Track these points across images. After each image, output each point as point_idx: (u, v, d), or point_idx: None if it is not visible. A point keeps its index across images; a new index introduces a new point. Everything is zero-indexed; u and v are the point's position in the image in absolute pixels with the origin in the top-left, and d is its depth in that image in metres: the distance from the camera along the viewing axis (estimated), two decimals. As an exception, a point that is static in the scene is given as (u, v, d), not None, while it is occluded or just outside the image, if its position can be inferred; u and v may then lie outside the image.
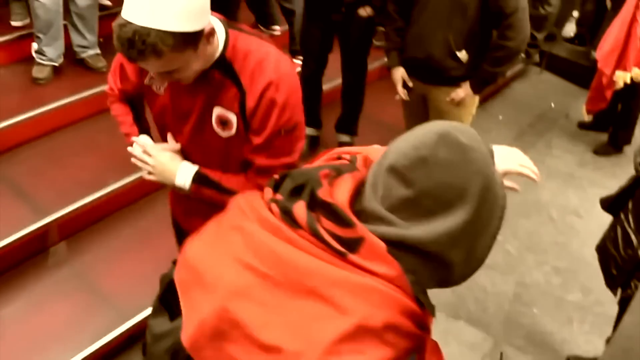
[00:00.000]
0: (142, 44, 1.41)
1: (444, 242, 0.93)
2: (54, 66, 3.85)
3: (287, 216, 0.97)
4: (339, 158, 1.20)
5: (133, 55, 1.45)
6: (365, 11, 3.46)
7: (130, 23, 1.41)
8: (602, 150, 4.88)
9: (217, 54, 1.62)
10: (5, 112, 3.50)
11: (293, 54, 4.42)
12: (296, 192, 1.02)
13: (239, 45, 1.64)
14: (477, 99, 3.26)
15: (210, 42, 1.56)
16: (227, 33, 1.64)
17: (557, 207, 4.18)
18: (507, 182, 1.49)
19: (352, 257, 0.92)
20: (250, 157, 1.72)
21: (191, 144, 1.80)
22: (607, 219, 2.70)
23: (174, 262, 1.12)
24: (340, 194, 0.98)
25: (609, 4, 5.13)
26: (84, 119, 3.74)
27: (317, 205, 0.97)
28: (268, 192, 1.06)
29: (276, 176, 1.11)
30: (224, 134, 1.71)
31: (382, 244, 0.92)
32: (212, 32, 1.56)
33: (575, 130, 5.16)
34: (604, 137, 4.95)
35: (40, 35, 3.72)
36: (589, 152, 4.90)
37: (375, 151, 1.26)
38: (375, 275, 0.91)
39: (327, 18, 3.52)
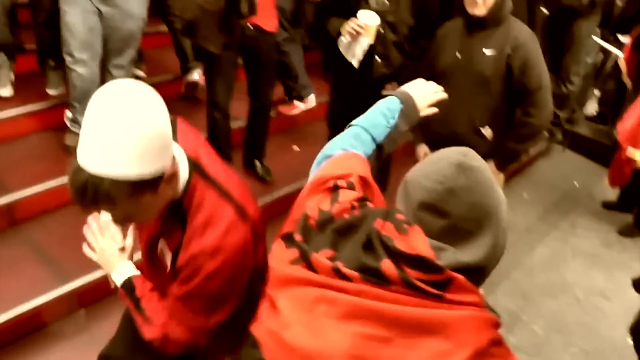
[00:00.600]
0: (94, 192, 1.29)
1: (488, 255, 1.10)
2: (86, 135, 3.93)
3: (372, 275, 1.06)
4: (336, 186, 1.30)
5: (86, 204, 1.32)
6: (392, 87, 3.53)
7: (83, 170, 1.29)
8: (628, 232, 4.82)
9: (178, 195, 1.50)
10: (35, 178, 3.57)
11: (298, 99, 4.49)
12: (367, 248, 1.09)
13: (196, 196, 1.50)
14: (502, 178, 3.27)
15: (171, 184, 1.44)
16: (190, 174, 1.51)
17: (583, 288, 4.11)
18: (427, 111, 1.74)
19: (447, 296, 1.04)
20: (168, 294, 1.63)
21: (146, 258, 1.76)
22: (634, 301, 2.65)
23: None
24: (421, 245, 1.07)
25: (628, 83, 5.19)
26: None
27: (402, 259, 1.06)
28: (319, 256, 1.11)
29: (298, 238, 1.18)
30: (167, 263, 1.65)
31: (462, 277, 1.05)
32: (174, 174, 1.43)
33: (600, 210, 5.13)
34: (629, 218, 4.90)
35: (75, 104, 3.83)
36: (613, 232, 4.85)
37: (356, 163, 1.44)
38: (469, 305, 1.05)
39: (354, 94, 3.60)
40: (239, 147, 4.19)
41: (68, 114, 3.94)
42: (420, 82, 1.78)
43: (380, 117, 1.66)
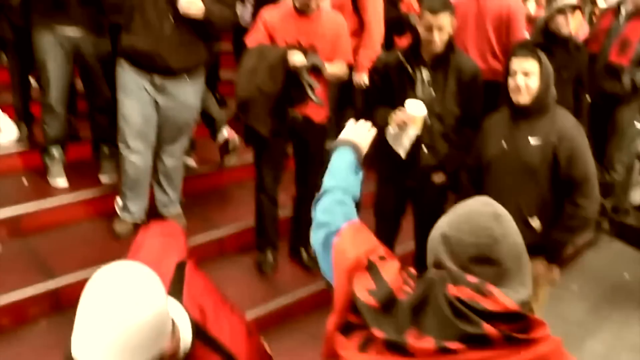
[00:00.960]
0: None
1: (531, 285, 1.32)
2: (136, 222, 4.01)
3: (476, 342, 1.13)
4: (371, 263, 1.36)
5: None
6: (439, 177, 3.55)
7: None
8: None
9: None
10: (83, 264, 3.61)
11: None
12: (459, 316, 1.16)
13: None
14: (557, 272, 3.20)
15: (174, 355, 1.38)
16: (193, 342, 1.45)
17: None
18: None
19: (533, 335, 1.16)
20: None
21: None
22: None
23: None
24: (507, 301, 1.18)
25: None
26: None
27: (497, 318, 1.15)
28: (414, 339, 1.17)
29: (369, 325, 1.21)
30: None
31: (531, 314, 1.18)
32: (173, 352, 1.37)
33: (654, 304, 4.95)
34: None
35: (127, 192, 3.93)
36: (670, 327, 4.66)
37: (366, 232, 1.55)
38: (546, 335, 1.17)
39: (401, 183, 3.62)
40: (286, 235, 4.22)
41: (119, 201, 4.03)
42: (353, 124, 1.98)
43: (349, 174, 1.79)
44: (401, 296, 1.23)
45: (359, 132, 1.95)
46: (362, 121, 1.98)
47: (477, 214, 1.32)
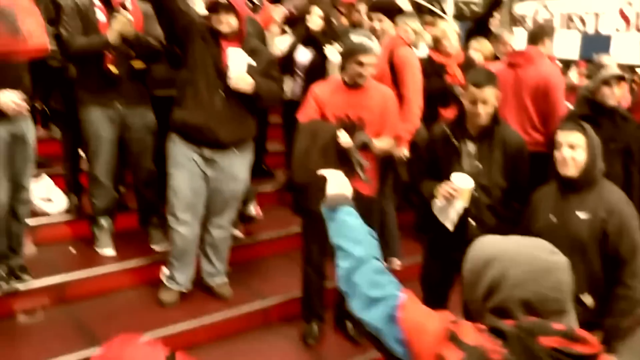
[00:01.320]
0: None
1: None
2: (182, 291, 4.05)
3: None
4: (451, 333, 1.35)
5: None
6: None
7: None
8: None
9: None
10: (126, 331, 3.63)
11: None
12: None
13: None
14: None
15: None
16: None
17: None
18: None
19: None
20: None
21: None
22: None
23: None
24: (593, 340, 1.26)
25: None
26: (204, 344, 3.81)
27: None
28: None
29: None
30: None
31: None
32: None
33: None
34: None
35: (174, 262, 3.98)
36: None
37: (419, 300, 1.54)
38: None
39: (448, 255, 3.59)
40: (331, 306, 4.18)
41: (165, 270, 4.07)
42: (332, 176, 1.97)
43: (366, 234, 1.75)
44: (496, 357, 1.24)
45: (341, 182, 1.94)
46: (334, 171, 1.98)
47: (554, 267, 1.39)
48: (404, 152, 4.50)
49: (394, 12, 4.61)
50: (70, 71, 4.28)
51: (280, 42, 5.24)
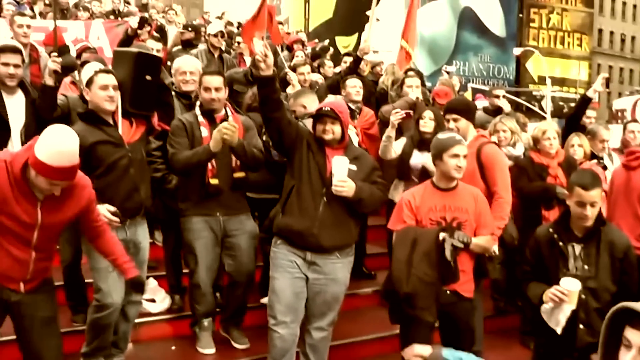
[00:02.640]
0: None
1: None
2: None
3: None
4: None
5: None
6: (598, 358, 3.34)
7: None
8: None
9: None
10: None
11: None
12: None
13: None
14: None
15: None
16: None
17: None
18: None
19: None
20: None
21: None
22: None
23: None
24: None
25: None
26: None
27: None
28: None
29: None
30: None
31: None
32: None
33: None
34: None
35: (273, 363, 3.99)
36: None
37: None
38: None
39: None
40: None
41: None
42: None
43: None
44: None
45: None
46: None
47: None
48: (494, 249, 4.45)
49: (470, 112, 4.70)
50: (171, 183, 4.59)
51: (396, 146, 5.33)
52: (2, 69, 4.36)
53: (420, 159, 5.09)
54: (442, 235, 3.63)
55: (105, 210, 3.68)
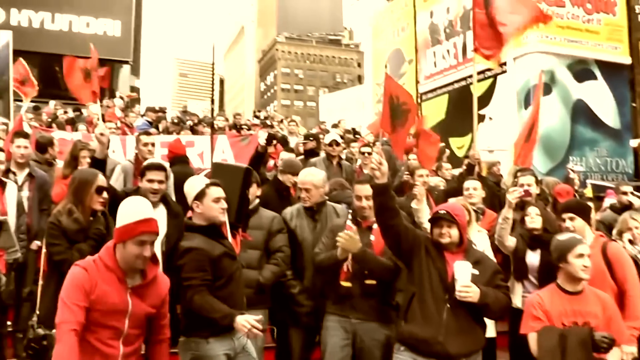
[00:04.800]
0: None
1: None
2: None
3: None
4: None
5: None
6: None
7: None
8: None
9: None
10: None
11: None
12: None
13: None
14: None
15: None
16: None
17: None
18: None
19: None
20: None
21: None
22: None
23: None
24: None
25: None
26: None
27: None
28: None
29: None
30: None
31: None
32: None
33: None
34: None
35: None
36: None
37: None
38: None
39: None
40: None
41: None
42: None
43: None
44: None
45: None
46: None
47: None
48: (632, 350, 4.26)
49: (586, 212, 4.64)
50: (295, 288, 4.83)
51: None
52: (147, 184, 4.72)
53: (534, 257, 5.01)
54: (596, 334, 3.56)
55: (244, 321, 3.68)
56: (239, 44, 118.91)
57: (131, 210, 3.21)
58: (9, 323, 4.44)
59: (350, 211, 4.73)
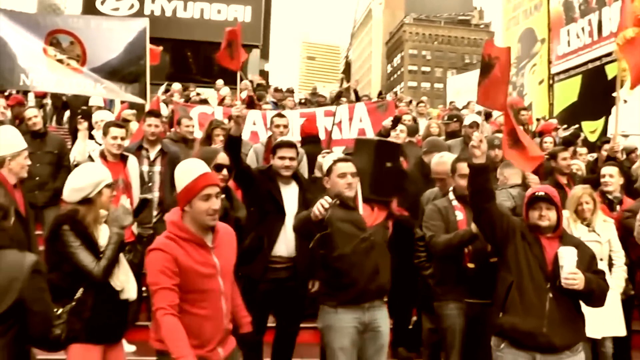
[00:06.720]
0: None
1: None
2: None
3: None
4: None
5: None
6: None
7: None
8: None
9: None
10: None
11: None
12: None
13: None
14: None
15: None
16: None
17: None
18: None
19: None
20: None
21: None
22: None
23: None
24: None
25: None
26: None
27: None
28: None
29: None
30: None
31: None
32: None
33: None
34: None
35: None
36: None
37: None
38: None
39: None
40: None
41: None
42: None
43: None
44: None
45: None
46: None
47: None
48: None
49: None
50: (428, 270, 4.75)
51: None
52: (279, 162, 4.77)
53: None
54: None
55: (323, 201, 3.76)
56: (367, 26, 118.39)
57: (186, 171, 3.26)
58: (143, 289, 4.79)
59: (451, 189, 4.60)
